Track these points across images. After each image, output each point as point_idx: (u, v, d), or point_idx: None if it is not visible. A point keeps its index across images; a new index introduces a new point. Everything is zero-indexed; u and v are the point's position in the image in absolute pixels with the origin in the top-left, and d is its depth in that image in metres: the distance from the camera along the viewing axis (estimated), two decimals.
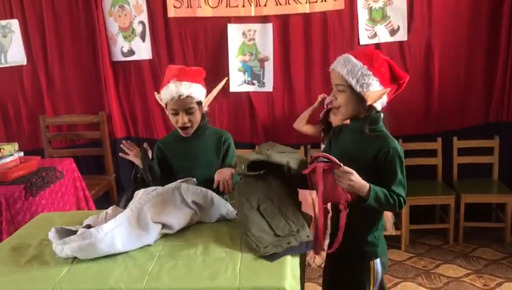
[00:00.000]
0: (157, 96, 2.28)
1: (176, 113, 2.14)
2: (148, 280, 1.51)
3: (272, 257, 1.63)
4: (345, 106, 1.87)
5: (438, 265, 3.27)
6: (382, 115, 1.88)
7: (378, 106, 1.85)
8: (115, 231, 1.66)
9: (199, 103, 2.18)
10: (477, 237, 3.61)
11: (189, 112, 2.14)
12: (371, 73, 1.80)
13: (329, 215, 1.85)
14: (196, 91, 2.14)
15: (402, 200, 1.80)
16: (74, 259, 1.67)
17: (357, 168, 1.73)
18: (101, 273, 1.57)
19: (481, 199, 3.53)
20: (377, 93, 1.81)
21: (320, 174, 1.75)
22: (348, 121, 1.98)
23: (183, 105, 2.12)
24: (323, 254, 2.60)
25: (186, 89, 2.10)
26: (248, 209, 1.79)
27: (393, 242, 3.54)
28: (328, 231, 1.86)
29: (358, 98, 1.82)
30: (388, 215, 3.33)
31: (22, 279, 1.56)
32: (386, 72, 1.84)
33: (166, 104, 2.17)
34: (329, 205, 1.85)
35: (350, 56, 1.85)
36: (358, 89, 1.80)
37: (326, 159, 1.75)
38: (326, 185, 1.76)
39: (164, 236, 1.83)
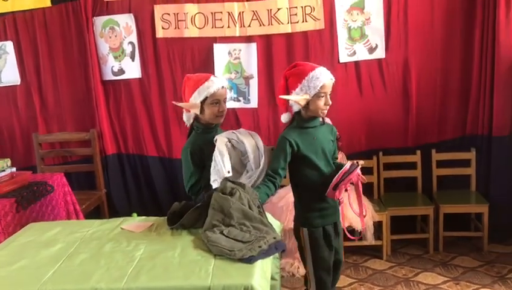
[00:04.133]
0: (179, 103, 2.61)
1: (217, 103, 2.45)
2: (127, 280, 1.64)
3: (249, 260, 1.75)
4: None
5: (417, 273, 3.37)
6: None
7: None
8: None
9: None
10: (456, 246, 3.72)
11: (225, 100, 2.52)
12: None
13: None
14: (227, 86, 2.60)
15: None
16: (61, 262, 1.79)
17: (332, 150, 2.43)
18: (84, 274, 1.70)
19: (459, 209, 3.65)
20: None
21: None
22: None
23: (224, 94, 2.49)
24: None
25: (225, 81, 2.55)
26: (212, 234, 1.93)
27: (375, 252, 3.66)
28: None
29: None
30: (368, 225, 3.45)
31: (11, 280, 1.68)
32: None
33: (205, 99, 2.43)
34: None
35: None
36: None
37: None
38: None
39: (146, 241, 1.96)
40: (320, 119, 2.41)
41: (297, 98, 2.35)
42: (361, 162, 2.36)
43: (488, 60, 3.56)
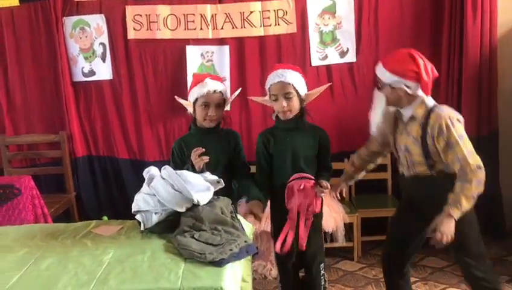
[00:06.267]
0: (179, 99, 2.77)
1: (207, 106, 2.45)
2: (95, 283, 1.61)
3: (220, 263, 1.75)
4: (294, 108, 2.40)
5: None
6: None
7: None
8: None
9: (224, 102, 2.55)
10: (425, 247, 3.76)
11: (218, 105, 2.48)
12: (304, 79, 2.46)
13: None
14: (225, 90, 2.56)
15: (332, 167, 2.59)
16: (27, 267, 1.75)
17: (310, 155, 2.45)
18: (51, 279, 1.67)
19: None
20: (315, 92, 2.52)
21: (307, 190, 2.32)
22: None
23: (216, 99, 2.46)
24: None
25: (219, 85, 2.51)
26: (183, 238, 1.93)
27: (346, 253, 3.70)
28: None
29: (301, 100, 2.41)
30: (340, 228, 3.49)
31: None
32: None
33: (196, 100, 2.48)
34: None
35: (291, 70, 2.42)
36: (302, 93, 2.40)
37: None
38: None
39: (116, 244, 1.94)
40: (300, 123, 2.44)
41: (258, 100, 2.67)
42: (324, 186, 2.37)
43: (455, 63, 3.64)
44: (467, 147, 2.16)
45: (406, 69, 2.24)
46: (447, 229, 2.13)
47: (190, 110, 2.57)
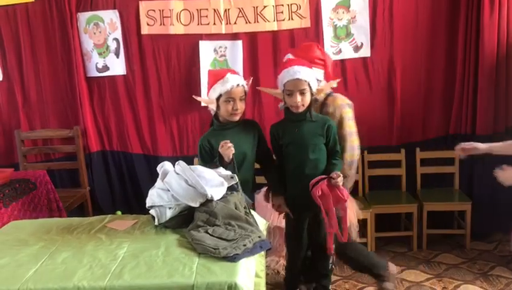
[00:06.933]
0: (198, 98, 2.81)
1: (232, 101, 2.49)
2: (110, 277, 1.62)
3: (233, 258, 1.74)
4: (307, 103, 2.48)
5: (401, 271, 3.39)
6: None
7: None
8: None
9: (245, 94, 2.59)
10: (439, 244, 3.76)
11: (241, 99, 2.53)
12: (323, 71, 2.64)
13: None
14: (245, 83, 2.58)
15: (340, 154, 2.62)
16: (43, 261, 1.77)
17: (318, 144, 2.50)
18: (66, 272, 1.68)
19: (442, 207, 3.68)
20: (325, 88, 2.64)
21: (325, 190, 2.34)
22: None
23: (239, 92, 2.52)
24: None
25: (240, 79, 2.55)
26: (197, 233, 1.93)
27: None
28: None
29: (312, 95, 2.49)
30: (353, 224, 3.46)
31: None
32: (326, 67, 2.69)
33: (219, 96, 2.50)
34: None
35: (306, 67, 2.46)
36: (314, 89, 2.48)
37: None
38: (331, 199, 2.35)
39: (130, 239, 1.94)
40: (308, 115, 2.49)
41: (270, 91, 2.72)
42: (335, 177, 2.36)
43: (471, 59, 3.59)
44: (353, 127, 2.68)
45: (313, 56, 2.59)
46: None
47: (213, 107, 2.60)
